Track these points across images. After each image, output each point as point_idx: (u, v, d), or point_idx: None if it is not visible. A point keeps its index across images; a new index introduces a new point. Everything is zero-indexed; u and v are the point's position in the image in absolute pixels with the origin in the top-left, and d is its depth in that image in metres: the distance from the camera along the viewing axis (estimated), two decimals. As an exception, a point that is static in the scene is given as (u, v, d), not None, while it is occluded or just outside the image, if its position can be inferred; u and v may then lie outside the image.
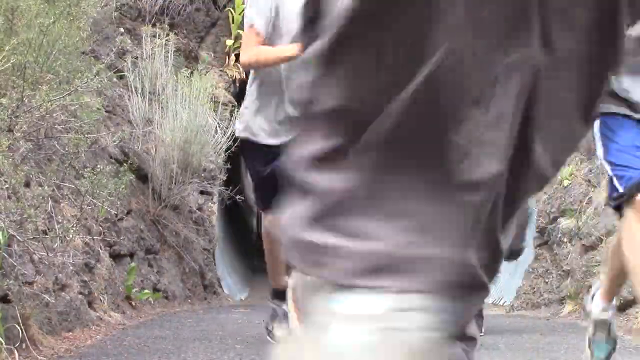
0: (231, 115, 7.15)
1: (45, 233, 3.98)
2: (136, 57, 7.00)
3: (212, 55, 8.32)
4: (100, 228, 5.23)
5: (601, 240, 6.25)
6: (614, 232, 6.18)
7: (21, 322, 3.51)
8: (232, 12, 8.23)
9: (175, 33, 7.82)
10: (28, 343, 3.57)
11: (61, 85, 4.41)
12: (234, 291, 7.96)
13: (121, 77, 6.86)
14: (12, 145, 3.95)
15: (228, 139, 6.87)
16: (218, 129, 6.97)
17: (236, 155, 6.40)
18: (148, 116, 6.68)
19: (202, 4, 8.34)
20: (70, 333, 4.24)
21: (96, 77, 4.62)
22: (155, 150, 6.64)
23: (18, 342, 3.49)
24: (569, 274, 6.47)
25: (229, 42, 8.20)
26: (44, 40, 4.38)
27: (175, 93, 6.68)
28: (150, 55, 6.92)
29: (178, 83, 6.77)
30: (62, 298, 4.29)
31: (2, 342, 3.29)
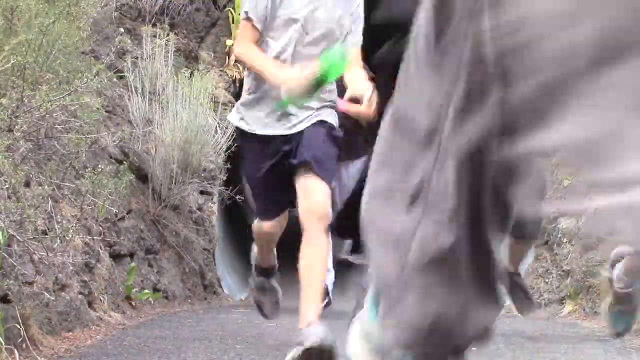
0: (231, 115, 7.13)
1: (45, 233, 3.98)
2: (136, 57, 7.00)
3: (212, 55, 8.32)
4: (100, 228, 5.23)
5: (601, 240, 6.25)
6: (614, 232, 6.17)
7: (21, 322, 3.51)
8: (232, 12, 8.22)
9: (175, 33, 7.81)
10: (28, 343, 3.57)
11: (61, 85, 4.41)
12: (234, 291, 7.95)
13: (121, 77, 6.86)
14: (12, 145, 3.95)
15: (228, 139, 6.86)
16: (218, 129, 6.97)
17: (236, 155, 6.39)
18: (148, 116, 6.67)
19: (202, 4, 8.34)
20: (70, 333, 4.24)
21: (96, 77, 4.62)
22: (155, 150, 6.64)
23: (18, 342, 3.49)
24: (569, 274, 6.47)
25: (229, 42, 8.19)
26: (44, 40, 4.38)
27: (175, 93, 6.68)
28: (150, 55, 6.91)
29: (178, 83, 6.77)
30: (62, 298, 4.29)
31: (2, 342, 3.29)
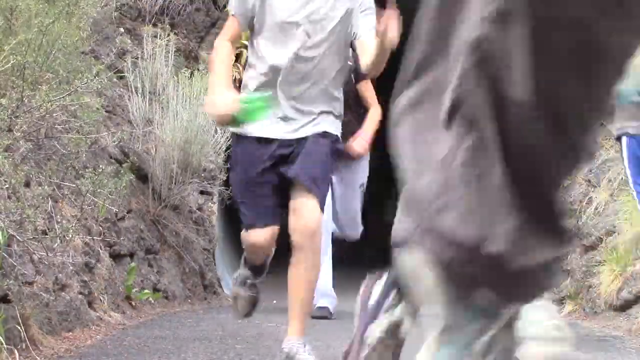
0: (231, 115, 7.12)
1: (45, 233, 3.98)
2: (136, 57, 7.00)
3: (212, 55, 8.31)
4: (100, 228, 5.23)
5: (601, 240, 6.25)
6: (614, 232, 6.17)
7: (21, 322, 3.51)
8: (232, 12, 8.21)
9: (175, 33, 7.81)
10: (28, 343, 3.57)
11: (61, 85, 4.41)
12: (234, 291, 7.94)
13: (121, 77, 6.85)
14: (12, 145, 3.95)
15: (228, 139, 6.86)
16: (218, 129, 6.96)
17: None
18: (148, 116, 6.67)
19: (202, 4, 8.33)
20: (70, 333, 4.24)
21: (96, 77, 4.62)
22: (155, 150, 6.64)
23: (18, 342, 3.49)
24: (569, 274, 6.47)
25: (229, 42, 8.17)
26: (44, 40, 4.38)
27: (175, 93, 6.68)
28: (150, 55, 6.91)
29: (178, 83, 6.77)
30: (62, 298, 4.29)
31: (2, 342, 3.29)
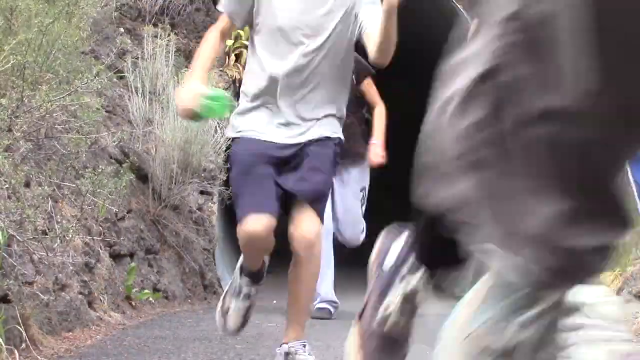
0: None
1: (45, 233, 3.98)
2: (136, 57, 7.00)
3: (212, 55, 8.31)
4: (100, 228, 5.22)
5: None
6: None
7: (21, 322, 3.51)
8: (232, 12, 8.21)
9: (175, 33, 7.81)
10: (28, 343, 3.56)
11: (61, 85, 4.41)
12: (234, 291, 7.94)
13: (121, 77, 6.85)
14: (12, 145, 3.95)
15: (228, 139, 6.86)
16: (218, 129, 6.96)
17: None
18: (148, 116, 6.67)
19: (202, 4, 8.33)
20: (70, 333, 4.24)
21: (96, 78, 4.62)
22: (155, 150, 6.64)
23: (18, 343, 3.49)
24: (569, 274, 6.46)
25: (229, 42, 8.17)
26: (43, 40, 4.38)
27: (175, 93, 6.67)
28: (150, 55, 6.91)
29: (178, 83, 6.76)
30: (62, 298, 4.29)
31: (2, 342, 3.29)
